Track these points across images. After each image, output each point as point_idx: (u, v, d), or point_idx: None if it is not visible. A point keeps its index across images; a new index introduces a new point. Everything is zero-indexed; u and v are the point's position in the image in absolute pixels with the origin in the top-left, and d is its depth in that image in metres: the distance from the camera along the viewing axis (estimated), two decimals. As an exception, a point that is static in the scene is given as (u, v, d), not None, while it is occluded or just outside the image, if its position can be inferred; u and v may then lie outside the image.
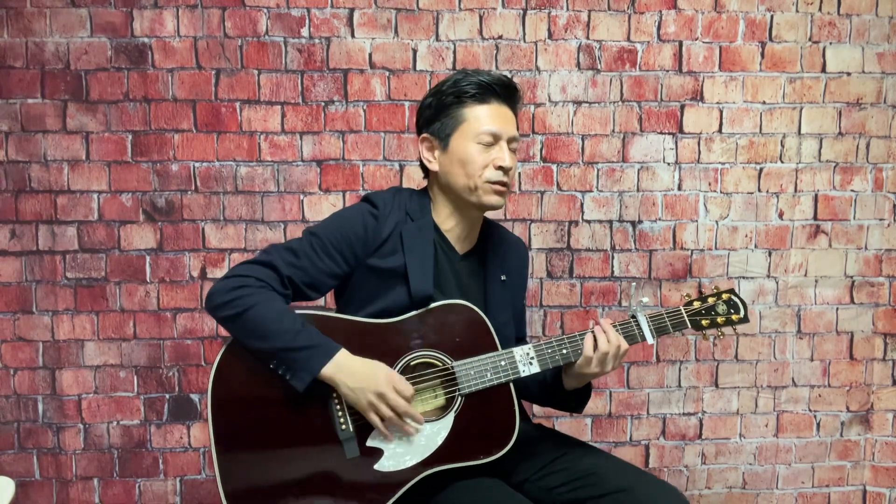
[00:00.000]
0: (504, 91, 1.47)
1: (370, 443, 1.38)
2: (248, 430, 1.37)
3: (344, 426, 1.37)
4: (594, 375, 1.46)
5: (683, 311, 1.51)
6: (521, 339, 1.68)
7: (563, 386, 1.52)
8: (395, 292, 1.45)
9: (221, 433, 1.36)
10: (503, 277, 1.59)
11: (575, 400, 1.56)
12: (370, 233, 1.45)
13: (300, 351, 1.33)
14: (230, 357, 1.39)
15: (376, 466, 1.37)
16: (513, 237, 1.70)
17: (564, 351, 1.45)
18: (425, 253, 1.47)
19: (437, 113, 1.48)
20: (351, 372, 1.34)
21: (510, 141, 1.47)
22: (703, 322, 1.52)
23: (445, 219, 1.53)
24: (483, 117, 1.45)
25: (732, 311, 1.53)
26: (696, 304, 1.53)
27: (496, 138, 1.45)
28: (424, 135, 1.51)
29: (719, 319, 1.52)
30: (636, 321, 1.48)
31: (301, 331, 1.34)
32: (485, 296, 1.55)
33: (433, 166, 1.50)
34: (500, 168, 1.44)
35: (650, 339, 1.47)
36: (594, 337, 1.43)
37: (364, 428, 1.38)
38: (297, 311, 1.40)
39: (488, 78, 1.46)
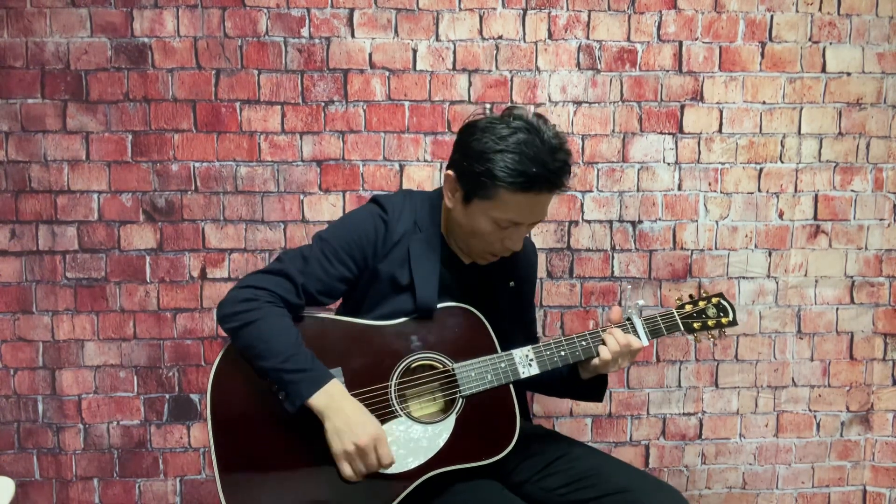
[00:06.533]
0: (551, 185, 1.33)
1: None
2: (247, 430, 1.36)
3: None
4: (607, 372, 1.49)
5: (676, 315, 1.54)
6: (531, 340, 1.68)
7: (580, 377, 1.53)
8: (399, 300, 1.45)
9: (220, 434, 1.36)
10: (511, 283, 1.58)
11: (596, 390, 1.57)
12: (380, 237, 1.44)
13: (292, 374, 1.30)
14: (230, 358, 1.39)
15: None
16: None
17: (563, 353, 1.46)
18: (432, 266, 1.46)
19: (471, 176, 1.34)
20: (341, 411, 1.31)
21: (535, 223, 1.42)
22: (695, 325, 1.55)
23: (453, 232, 1.51)
24: (513, 208, 1.33)
25: (722, 314, 1.57)
26: (688, 308, 1.56)
27: (517, 225, 1.38)
28: (450, 173, 1.41)
29: (710, 322, 1.55)
30: (631, 323, 1.50)
31: (295, 354, 1.32)
32: (493, 305, 1.53)
33: (449, 204, 1.44)
34: (507, 248, 1.41)
35: (645, 341, 1.49)
36: (606, 343, 1.45)
37: None
38: (304, 315, 1.41)
39: (538, 170, 1.28)
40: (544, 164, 1.29)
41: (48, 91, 2.15)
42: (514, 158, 1.28)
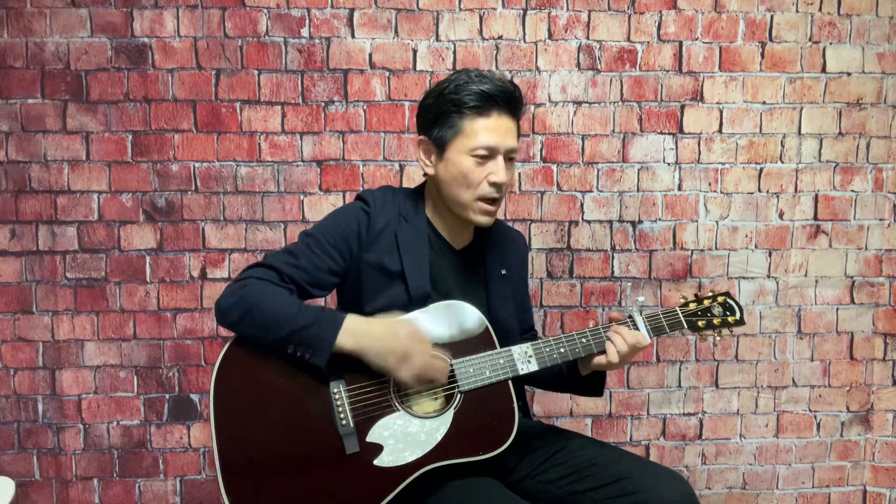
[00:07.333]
0: (506, 101, 1.44)
1: (370, 438, 1.39)
2: (249, 425, 1.37)
3: (344, 421, 1.37)
4: (611, 370, 1.51)
5: (679, 312, 1.53)
6: (528, 331, 1.70)
7: (579, 374, 1.55)
8: (393, 291, 1.47)
9: (223, 429, 1.37)
10: (503, 272, 1.60)
11: (595, 385, 1.58)
12: (363, 228, 1.48)
13: (306, 329, 1.33)
14: (232, 354, 1.40)
15: (376, 462, 1.37)
16: (510, 230, 1.71)
17: (563, 350, 1.47)
18: (421, 253, 1.49)
19: (437, 119, 1.46)
20: (369, 336, 1.36)
21: (508, 152, 1.45)
22: (700, 323, 1.54)
23: (440, 217, 1.54)
24: (481, 131, 1.42)
25: (728, 313, 1.55)
26: (693, 306, 1.55)
27: (493, 152, 1.43)
28: (422, 137, 1.50)
29: (715, 321, 1.54)
30: (633, 321, 1.50)
31: (302, 312, 1.35)
32: (486, 291, 1.56)
33: (429, 170, 1.50)
34: (493, 184, 1.44)
35: (647, 338, 1.48)
36: (613, 342, 1.46)
37: (364, 423, 1.39)
38: None
39: (490, 87, 1.42)
40: (493, 82, 1.43)
41: (48, 91, 2.15)
42: (466, 85, 1.42)
